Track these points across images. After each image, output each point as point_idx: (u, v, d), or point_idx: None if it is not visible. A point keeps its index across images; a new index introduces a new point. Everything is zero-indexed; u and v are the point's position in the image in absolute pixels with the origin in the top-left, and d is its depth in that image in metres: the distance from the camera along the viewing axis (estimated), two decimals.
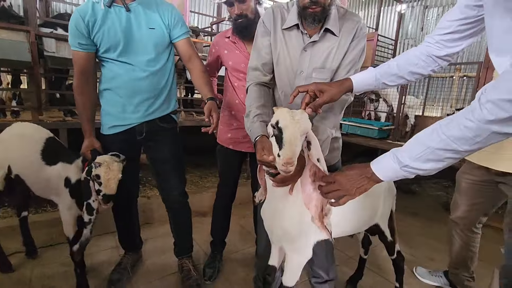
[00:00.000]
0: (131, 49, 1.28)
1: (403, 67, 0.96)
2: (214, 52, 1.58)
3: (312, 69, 1.08)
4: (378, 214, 1.27)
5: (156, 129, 1.41)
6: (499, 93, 0.54)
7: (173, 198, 1.53)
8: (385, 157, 0.74)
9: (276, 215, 1.02)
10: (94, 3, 1.24)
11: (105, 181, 1.20)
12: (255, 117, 0.99)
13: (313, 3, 0.97)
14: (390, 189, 1.30)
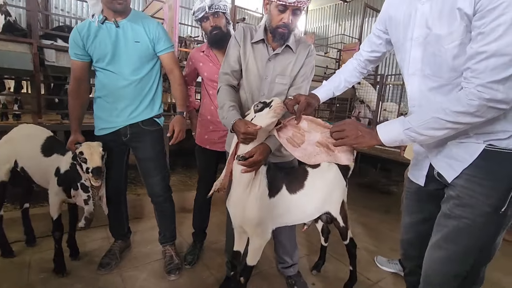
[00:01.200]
0: (118, 60, 1.51)
1: (347, 80, 1.26)
2: (191, 64, 1.82)
3: (275, 75, 1.33)
4: (329, 203, 1.48)
5: (140, 131, 1.62)
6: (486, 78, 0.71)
7: (157, 193, 1.72)
8: (393, 121, 0.86)
9: (240, 204, 1.25)
10: (90, 22, 1.50)
11: (89, 156, 1.40)
12: (229, 107, 1.22)
13: (285, 26, 1.23)
14: (339, 181, 1.51)
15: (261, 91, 1.35)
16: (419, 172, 1.04)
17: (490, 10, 0.70)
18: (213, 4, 1.61)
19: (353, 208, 3.12)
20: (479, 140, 0.84)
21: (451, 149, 0.89)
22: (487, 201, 0.83)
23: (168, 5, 3.08)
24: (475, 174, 0.85)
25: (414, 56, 0.91)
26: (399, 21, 0.95)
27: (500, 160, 0.82)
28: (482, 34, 0.72)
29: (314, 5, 9.21)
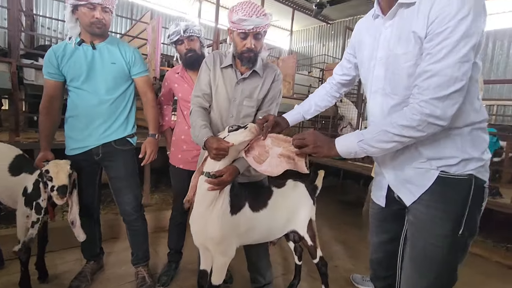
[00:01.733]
0: (93, 79, 1.55)
1: (317, 104, 1.33)
2: (167, 85, 1.88)
3: (243, 98, 1.39)
4: (295, 222, 1.51)
5: (112, 151, 1.63)
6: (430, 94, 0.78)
7: (128, 212, 1.72)
8: (351, 134, 0.92)
9: (202, 221, 1.27)
10: (66, 44, 1.55)
11: (55, 174, 1.38)
12: (201, 126, 1.28)
13: (249, 51, 1.31)
14: (306, 200, 1.55)
15: (229, 113, 1.41)
16: (379, 193, 1.08)
17: (437, 33, 0.77)
18: (188, 29, 1.69)
19: (333, 225, 3.16)
20: (433, 166, 0.90)
21: (409, 174, 0.95)
22: (445, 225, 0.88)
23: (151, 26, 3.17)
24: (431, 199, 0.90)
25: (377, 74, 0.97)
26: (366, 44, 1.03)
27: (453, 185, 0.88)
28: (429, 54, 0.79)
29: (299, 26, 9.57)
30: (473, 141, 0.88)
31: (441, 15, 0.76)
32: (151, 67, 3.11)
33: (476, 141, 0.89)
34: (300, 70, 7.20)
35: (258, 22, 1.23)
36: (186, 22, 1.71)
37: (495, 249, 2.80)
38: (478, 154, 0.88)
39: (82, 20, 1.50)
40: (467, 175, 0.87)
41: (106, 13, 1.52)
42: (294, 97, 4.92)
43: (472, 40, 0.75)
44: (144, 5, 7.39)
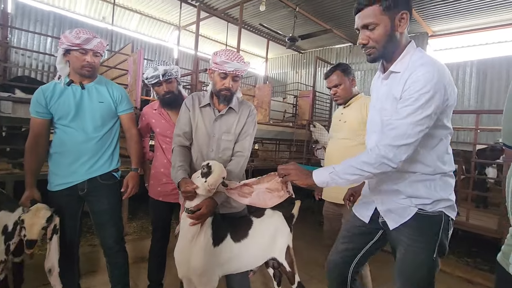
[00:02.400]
0: (81, 118, 1.61)
1: None
2: (144, 120, 1.95)
3: (222, 133, 1.53)
4: (273, 249, 1.59)
5: (97, 186, 1.66)
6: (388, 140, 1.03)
7: (110, 244, 1.73)
8: (326, 167, 1.13)
9: (185, 253, 1.34)
10: (56, 83, 1.62)
11: (28, 226, 1.36)
12: (178, 167, 1.40)
13: (226, 90, 1.47)
14: (283, 228, 1.64)
15: (209, 147, 1.53)
16: (366, 212, 1.30)
17: (405, 99, 1.03)
18: (167, 73, 1.78)
19: (312, 247, 3.25)
20: (413, 204, 1.13)
21: (394, 206, 1.18)
22: (425, 253, 1.12)
23: (133, 58, 3.29)
24: (413, 233, 1.14)
25: (374, 120, 1.24)
26: (373, 95, 1.30)
27: (428, 221, 1.12)
28: (397, 113, 1.05)
29: (273, 54, 10.10)
30: (442, 186, 1.13)
31: (411, 87, 1.02)
32: (132, 98, 3.19)
33: (444, 185, 1.13)
34: (275, 96, 7.52)
35: (238, 66, 1.43)
36: (164, 66, 1.77)
37: (457, 264, 3.04)
38: (447, 196, 1.13)
39: (73, 63, 1.58)
40: (438, 212, 1.12)
41: (96, 57, 1.61)
42: (270, 123, 5.15)
43: (428, 111, 1.00)
44: (124, 33, 7.50)
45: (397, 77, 1.09)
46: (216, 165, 1.29)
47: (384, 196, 1.21)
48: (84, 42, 1.52)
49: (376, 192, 1.24)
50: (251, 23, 7.39)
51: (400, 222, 1.15)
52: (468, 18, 6.00)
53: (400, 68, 1.09)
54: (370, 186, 1.28)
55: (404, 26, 1.08)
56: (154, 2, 6.80)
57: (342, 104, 1.98)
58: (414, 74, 1.01)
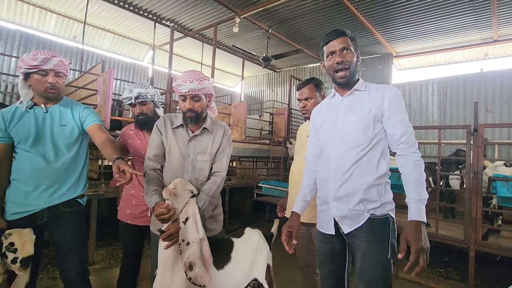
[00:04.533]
0: (41, 142, 1.52)
1: (311, 185, 1.49)
2: (122, 140, 1.91)
3: (196, 153, 1.50)
4: (255, 270, 1.52)
5: (59, 214, 1.54)
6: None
7: (71, 277, 1.58)
8: (414, 207, 1.15)
9: (166, 283, 1.26)
10: (17, 107, 1.54)
11: (21, 245, 1.30)
12: (152, 192, 1.38)
13: (189, 111, 1.46)
14: (263, 247, 1.59)
15: (184, 168, 1.48)
16: (329, 223, 1.35)
17: (394, 110, 1.30)
18: (140, 96, 1.77)
19: (290, 267, 3.20)
20: (365, 209, 1.25)
21: (348, 213, 1.27)
22: (381, 253, 1.22)
23: (103, 78, 3.21)
24: (365, 233, 1.24)
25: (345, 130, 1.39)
26: (327, 117, 1.43)
27: (379, 223, 1.25)
28: (391, 120, 1.30)
29: (250, 72, 10.31)
30: (387, 191, 1.29)
31: (392, 101, 1.28)
32: (101, 118, 3.08)
33: (387, 190, 1.29)
34: (252, 114, 7.61)
35: (191, 87, 1.41)
36: (139, 89, 1.77)
37: (430, 275, 3.11)
38: (390, 199, 1.29)
39: (35, 87, 1.51)
40: (385, 215, 1.26)
41: (59, 78, 1.54)
42: (247, 141, 5.17)
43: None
44: (96, 53, 7.36)
45: (362, 94, 1.35)
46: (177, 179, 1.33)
47: (339, 203, 1.29)
48: (42, 62, 1.46)
49: (333, 198, 1.31)
50: (225, 43, 7.55)
51: (354, 227, 1.26)
52: (428, 40, 6.51)
53: (362, 88, 1.36)
54: (329, 193, 1.33)
55: (359, 61, 1.37)
56: (128, 22, 6.78)
57: (309, 119, 1.93)
58: (389, 92, 1.29)
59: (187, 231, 1.23)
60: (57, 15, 6.39)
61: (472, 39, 6.28)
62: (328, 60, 1.35)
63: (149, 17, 6.27)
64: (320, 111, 1.51)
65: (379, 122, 1.29)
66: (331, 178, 1.32)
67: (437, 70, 7.64)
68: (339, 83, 1.36)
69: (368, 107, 1.29)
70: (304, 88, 1.91)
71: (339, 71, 1.31)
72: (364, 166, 1.26)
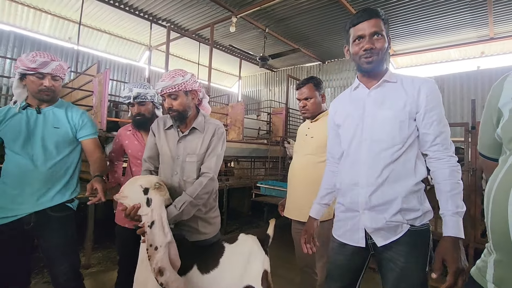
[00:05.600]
0: (31, 144, 1.48)
1: (329, 188, 1.40)
2: (118, 141, 1.89)
3: (186, 154, 1.46)
4: (248, 276, 1.44)
5: (46, 218, 1.49)
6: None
7: (62, 284, 1.53)
8: (451, 220, 1.00)
9: (142, 285, 1.24)
10: (10, 108, 1.52)
11: None
12: None
13: (170, 110, 1.42)
14: (257, 253, 1.51)
15: (174, 170, 1.45)
16: (357, 234, 1.18)
17: (430, 108, 1.13)
18: (139, 96, 1.74)
19: (290, 267, 3.19)
20: (404, 220, 1.09)
21: (384, 225, 1.11)
22: (420, 267, 1.08)
23: (98, 79, 3.18)
24: (404, 247, 1.10)
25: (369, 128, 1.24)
26: (351, 110, 1.26)
27: (419, 235, 1.10)
28: (426, 119, 1.14)
29: (247, 72, 10.28)
30: (425, 197, 1.13)
31: (429, 96, 1.11)
32: (97, 119, 3.06)
33: (425, 196, 1.13)
34: (249, 114, 7.58)
35: (163, 85, 1.38)
36: (138, 89, 1.75)
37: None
38: (429, 207, 1.13)
39: (30, 88, 1.49)
40: (426, 224, 1.12)
41: (56, 81, 1.52)
42: (245, 141, 5.14)
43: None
44: (92, 54, 7.30)
45: (394, 86, 1.17)
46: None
47: (372, 213, 1.13)
48: (41, 66, 1.44)
49: (364, 206, 1.14)
50: (222, 43, 7.52)
51: (391, 239, 1.10)
52: (425, 38, 6.53)
53: (393, 79, 1.18)
54: (358, 200, 1.16)
55: (390, 47, 1.18)
56: (124, 23, 6.73)
57: (309, 119, 1.93)
58: (427, 86, 1.12)
59: (154, 235, 1.18)
60: (52, 16, 6.32)
61: (468, 37, 6.30)
62: (354, 45, 1.16)
63: (145, 18, 6.23)
64: (341, 105, 1.33)
65: (413, 119, 1.12)
66: (361, 182, 1.15)
67: (434, 68, 7.67)
68: (365, 70, 1.17)
69: (403, 101, 1.12)
70: (303, 87, 1.87)
71: (366, 56, 1.14)
72: (401, 169, 1.10)
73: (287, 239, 1.74)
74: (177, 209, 1.29)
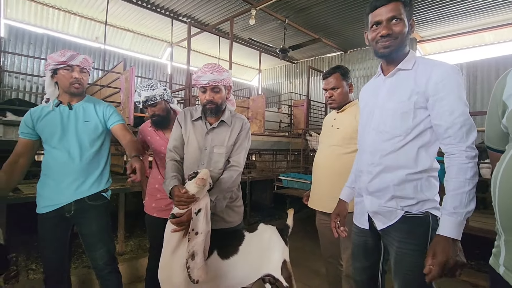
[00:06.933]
0: (66, 139, 1.60)
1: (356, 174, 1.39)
2: (141, 137, 1.96)
3: (213, 146, 1.52)
4: (267, 265, 1.51)
5: (85, 207, 1.62)
6: None
7: (100, 266, 1.67)
8: (445, 220, 0.97)
9: (167, 269, 1.31)
10: (43, 106, 1.64)
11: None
12: (171, 177, 1.42)
13: (209, 103, 1.47)
14: (277, 243, 1.55)
15: (201, 161, 1.51)
16: (363, 217, 1.28)
17: (443, 95, 1.06)
18: (148, 99, 1.76)
19: (311, 258, 3.21)
20: (398, 206, 1.12)
21: (380, 209, 1.18)
22: (413, 252, 1.10)
23: (125, 76, 3.31)
24: (398, 232, 1.13)
25: (374, 118, 1.25)
26: (369, 99, 1.30)
27: (416, 222, 1.11)
28: (444, 107, 1.09)
29: (267, 65, 10.23)
30: (428, 186, 1.11)
31: (444, 81, 1.04)
32: (125, 115, 3.19)
33: (430, 186, 1.12)
34: (270, 107, 7.57)
35: (212, 78, 1.43)
36: (146, 92, 1.76)
37: None
38: (432, 197, 1.12)
39: (61, 82, 1.60)
40: (424, 212, 1.11)
41: (83, 74, 1.63)
42: (266, 134, 5.16)
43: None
44: (117, 52, 7.59)
45: (407, 74, 1.13)
46: (202, 170, 1.31)
47: (372, 197, 1.20)
48: (69, 58, 1.56)
49: (366, 191, 1.23)
50: (242, 36, 7.52)
51: (387, 224, 1.16)
52: (455, 22, 6.14)
53: (408, 66, 1.13)
54: (362, 186, 1.25)
55: (413, 31, 1.14)
56: (146, 21, 6.91)
57: (336, 109, 1.90)
58: (438, 71, 1.05)
59: (198, 221, 1.27)
60: (80, 18, 6.63)
61: (505, 18, 5.84)
62: (371, 31, 1.14)
63: (166, 14, 6.35)
64: (365, 93, 1.36)
65: (423, 109, 1.08)
66: (364, 170, 1.23)
67: (466, 53, 7.21)
68: (382, 55, 1.15)
69: (409, 91, 1.10)
70: (330, 77, 1.83)
71: (383, 42, 1.11)
72: (399, 159, 1.12)
73: (311, 230, 1.76)
74: (212, 201, 1.36)
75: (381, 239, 1.25)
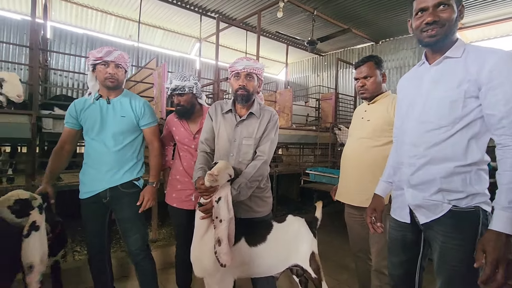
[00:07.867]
0: (104, 131, 1.74)
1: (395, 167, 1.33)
2: (167, 128, 2.03)
3: (242, 137, 1.56)
4: (295, 256, 1.55)
5: (119, 194, 1.75)
6: None
7: (134, 251, 1.80)
8: (499, 214, 0.91)
9: (198, 252, 1.39)
10: (86, 99, 1.79)
11: None
12: (198, 169, 1.50)
13: (242, 88, 1.52)
14: (305, 234, 1.59)
15: (230, 152, 1.57)
16: (404, 211, 1.23)
17: (496, 84, 0.99)
18: (177, 88, 1.82)
19: (341, 253, 3.17)
20: (445, 200, 1.07)
21: (423, 203, 1.12)
22: (460, 248, 1.04)
23: (157, 72, 3.46)
24: (444, 227, 1.08)
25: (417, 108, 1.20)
26: (409, 89, 1.26)
27: (463, 217, 1.05)
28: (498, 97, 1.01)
29: (294, 58, 10.10)
30: (477, 180, 1.05)
31: (501, 68, 0.97)
32: (158, 109, 3.34)
33: (479, 179, 1.05)
34: (297, 101, 7.49)
35: (248, 64, 1.49)
36: (177, 81, 1.80)
37: None
38: (482, 190, 1.05)
39: (98, 77, 1.73)
40: (474, 207, 1.04)
41: (119, 69, 1.73)
42: (293, 128, 5.13)
43: None
44: (149, 49, 7.91)
45: (456, 62, 1.07)
46: (220, 161, 1.39)
47: (414, 191, 1.15)
48: (105, 54, 1.68)
49: (407, 184, 1.17)
50: (269, 30, 7.47)
51: (431, 218, 1.10)
52: (500, 6, 5.64)
53: (457, 54, 1.07)
54: (402, 178, 1.20)
55: (462, 17, 1.08)
56: (176, 18, 7.10)
57: (367, 100, 1.84)
58: (494, 58, 0.98)
59: (220, 209, 1.32)
60: (115, 17, 6.98)
61: None
62: (416, 18, 1.09)
63: (195, 10, 6.49)
64: (405, 82, 1.31)
65: (474, 98, 1.02)
66: (405, 162, 1.18)
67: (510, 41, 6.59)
68: (427, 44, 1.10)
69: (458, 79, 1.03)
70: (363, 66, 1.79)
71: (430, 30, 1.05)
72: (447, 151, 1.06)
73: (339, 225, 1.75)
74: (235, 190, 1.40)
75: (423, 233, 1.20)
